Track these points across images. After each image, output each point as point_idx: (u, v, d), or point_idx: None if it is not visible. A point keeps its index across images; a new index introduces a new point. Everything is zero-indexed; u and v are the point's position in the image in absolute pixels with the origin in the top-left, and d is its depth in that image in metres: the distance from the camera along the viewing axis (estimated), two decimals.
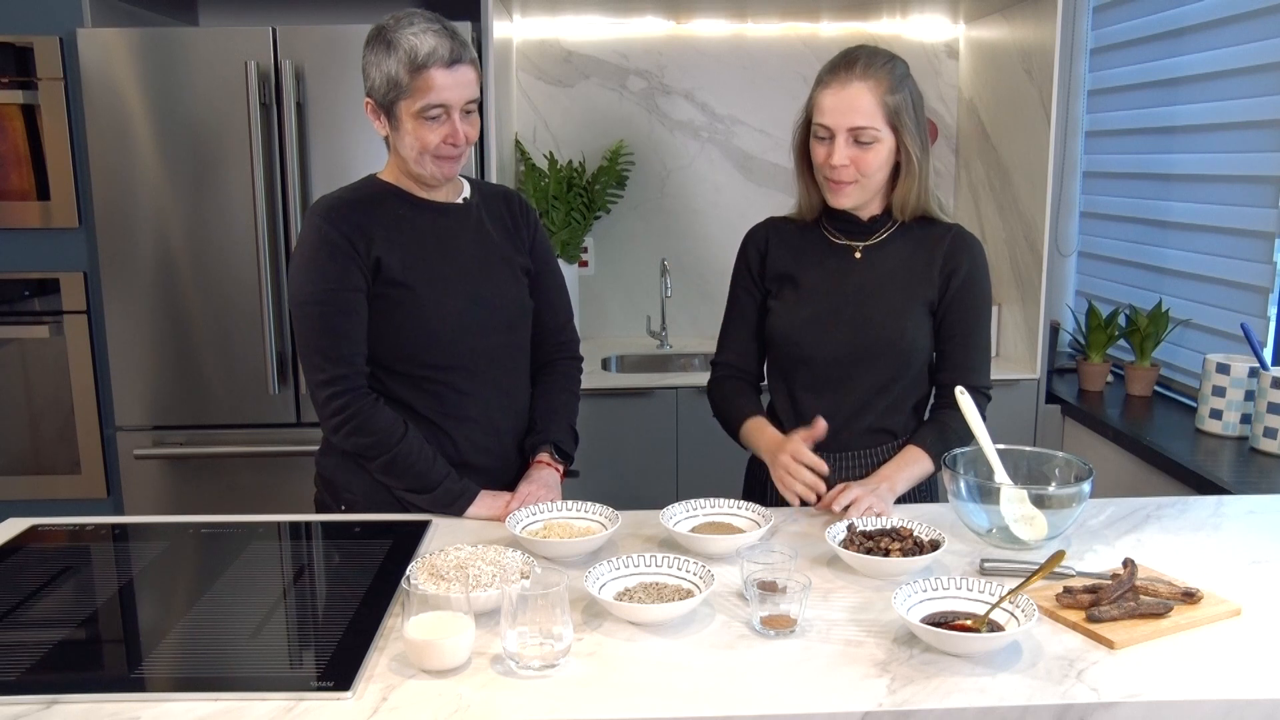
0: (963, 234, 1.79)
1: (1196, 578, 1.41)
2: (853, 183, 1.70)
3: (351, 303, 1.66)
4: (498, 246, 1.80)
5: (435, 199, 1.75)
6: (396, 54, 1.60)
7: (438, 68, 1.60)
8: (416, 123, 1.63)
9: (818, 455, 1.69)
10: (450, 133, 1.64)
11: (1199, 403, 2.51)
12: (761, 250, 1.86)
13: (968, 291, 1.76)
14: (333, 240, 1.65)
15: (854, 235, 1.79)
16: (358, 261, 1.66)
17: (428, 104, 1.61)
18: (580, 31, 3.43)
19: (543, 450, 1.81)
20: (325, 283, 1.65)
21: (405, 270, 1.68)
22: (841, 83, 1.66)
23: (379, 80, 1.63)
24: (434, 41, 1.60)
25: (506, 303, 1.79)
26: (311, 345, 1.67)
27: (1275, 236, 2.41)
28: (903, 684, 1.14)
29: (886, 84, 1.66)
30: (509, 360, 1.81)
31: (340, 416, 1.66)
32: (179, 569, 1.49)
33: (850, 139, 1.67)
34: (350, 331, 1.67)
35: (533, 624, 1.18)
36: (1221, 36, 2.60)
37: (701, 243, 3.54)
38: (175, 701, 1.11)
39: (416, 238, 1.71)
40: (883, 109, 1.66)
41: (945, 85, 3.53)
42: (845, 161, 1.67)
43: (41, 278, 2.77)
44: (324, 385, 1.66)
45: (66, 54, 2.66)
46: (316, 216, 1.68)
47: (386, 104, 1.64)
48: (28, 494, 2.85)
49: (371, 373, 1.71)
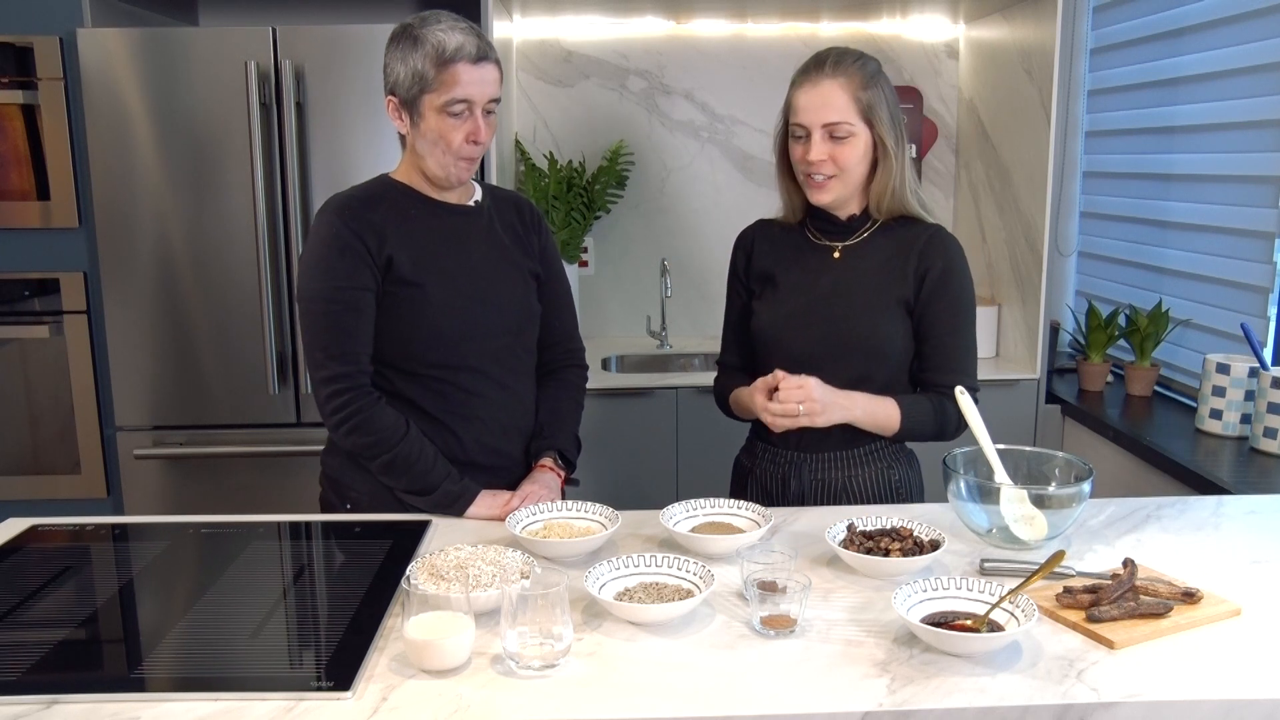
0: (940, 233, 1.79)
1: (1196, 578, 1.41)
2: (831, 177, 1.73)
3: (359, 301, 1.67)
4: (507, 250, 1.80)
5: (448, 200, 1.76)
6: (423, 48, 1.62)
7: (464, 63, 1.62)
8: (440, 118, 1.64)
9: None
10: (473, 130, 1.65)
11: (1199, 403, 2.51)
12: (748, 251, 1.90)
13: (943, 290, 1.76)
14: (344, 238, 1.66)
15: (834, 235, 1.81)
16: (368, 260, 1.66)
17: (453, 98, 1.62)
18: (580, 31, 3.43)
19: (546, 455, 1.82)
20: (334, 280, 1.66)
21: (415, 269, 1.69)
22: (813, 81, 1.71)
23: (404, 75, 1.64)
24: (461, 38, 1.62)
25: (514, 305, 1.80)
26: (317, 342, 1.68)
27: (1275, 236, 2.41)
28: (903, 684, 1.14)
29: (858, 80, 1.70)
30: (515, 362, 1.82)
31: (341, 414, 1.67)
32: (179, 569, 1.49)
33: (825, 135, 1.70)
34: (356, 330, 1.67)
35: (533, 624, 1.18)
36: (1221, 36, 2.60)
37: (701, 243, 3.54)
38: (175, 701, 1.11)
39: (428, 237, 1.72)
40: (856, 104, 1.69)
41: (945, 85, 3.53)
42: (822, 157, 1.71)
43: (41, 278, 2.77)
44: (326, 383, 1.67)
45: (66, 54, 2.66)
46: (329, 213, 1.69)
47: (410, 99, 1.65)
48: (28, 494, 2.85)
49: (379, 370, 1.72)
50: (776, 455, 1.85)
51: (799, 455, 1.83)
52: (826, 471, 1.82)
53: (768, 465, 1.86)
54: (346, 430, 1.68)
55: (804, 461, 1.82)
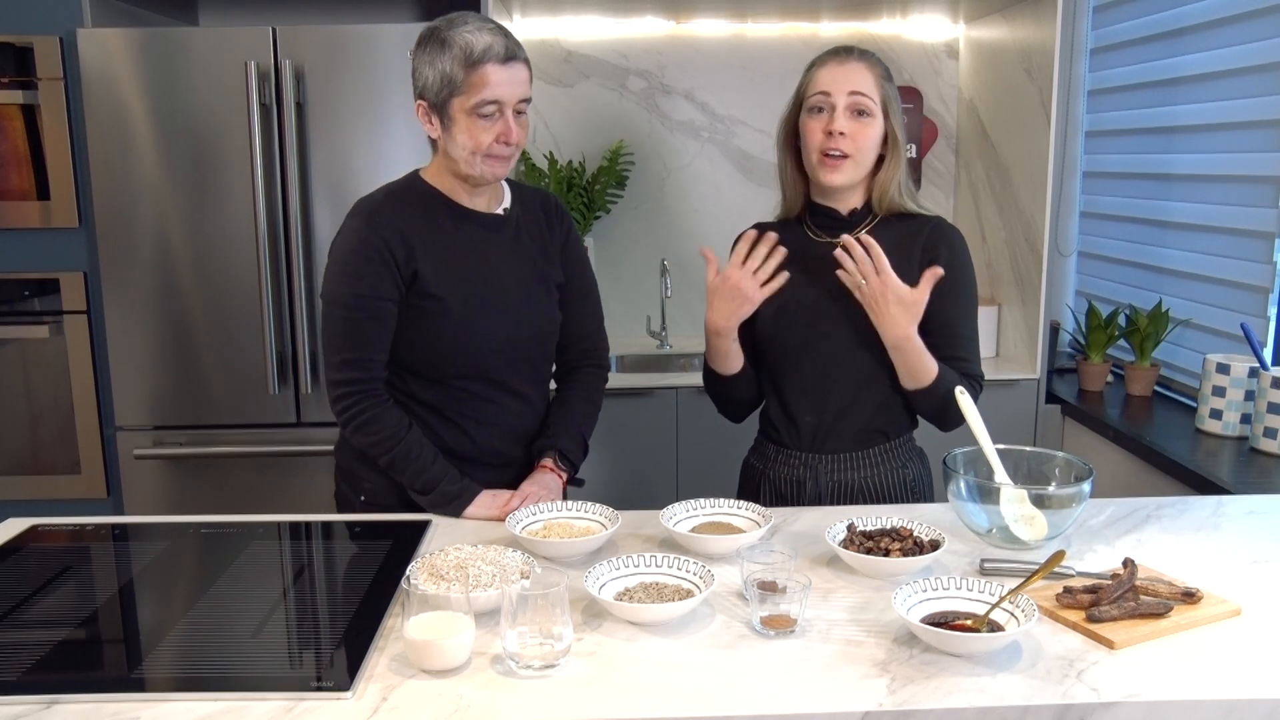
0: (942, 224, 1.80)
1: (1196, 578, 1.41)
2: (846, 157, 1.72)
3: (381, 311, 1.68)
4: (533, 261, 1.80)
5: (477, 208, 1.76)
6: (451, 50, 1.61)
7: (493, 63, 1.60)
8: (470, 120, 1.63)
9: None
10: (504, 130, 1.64)
11: (1199, 403, 2.51)
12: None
13: (946, 279, 1.75)
14: (373, 245, 1.66)
15: (834, 231, 1.80)
16: (394, 270, 1.67)
17: (483, 99, 1.61)
18: (580, 31, 3.43)
19: (548, 455, 1.81)
20: (359, 287, 1.66)
21: (440, 283, 1.69)
22: (840, 60, 1.74)
23: (432, 78, 1.63)
24: (489, 39, 1.61)
25: (538, 320, 1.80)
26: (335, 344, 1.70)
27: (1275, 236, 2.41)
28: (903, 684, 1.14)
29: (880, 70, 1.75)
30: (533, 372, 1.83)
31: (348, 414, 1.70)
32: (179, 569, 1.49)
33: (849, 110, 1.71)
34: (374, 339, 1.69)
35: (533, 624, 1.18)
36: (1221, 36, 2.60)
37: (701, 243, 3.50)
38: (175, 701, 1.11)
39: (454, 250, 1.72)
40: (879, 89, 1.73)
41: (945, 85, 3.53)
42: (844, 129, 1.70)
43: (41, 278, 2.77)
44: (338, 385, 1.70)
45: (66, 54, 2.66)
46: (359, 218, 1.69)
47: (439, 102, 1.64)
48: (28, 494, 2.85)
49: (397, 374, 1.74)
50: (790, 457, 1.84)
51: (814, 457, 1.82)
52: (843, 472, 1.81)
53: (781, 468, 1.85)
54: (353, 429, 1.71)
55: (819, 463, 1.81)
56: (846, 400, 1.78)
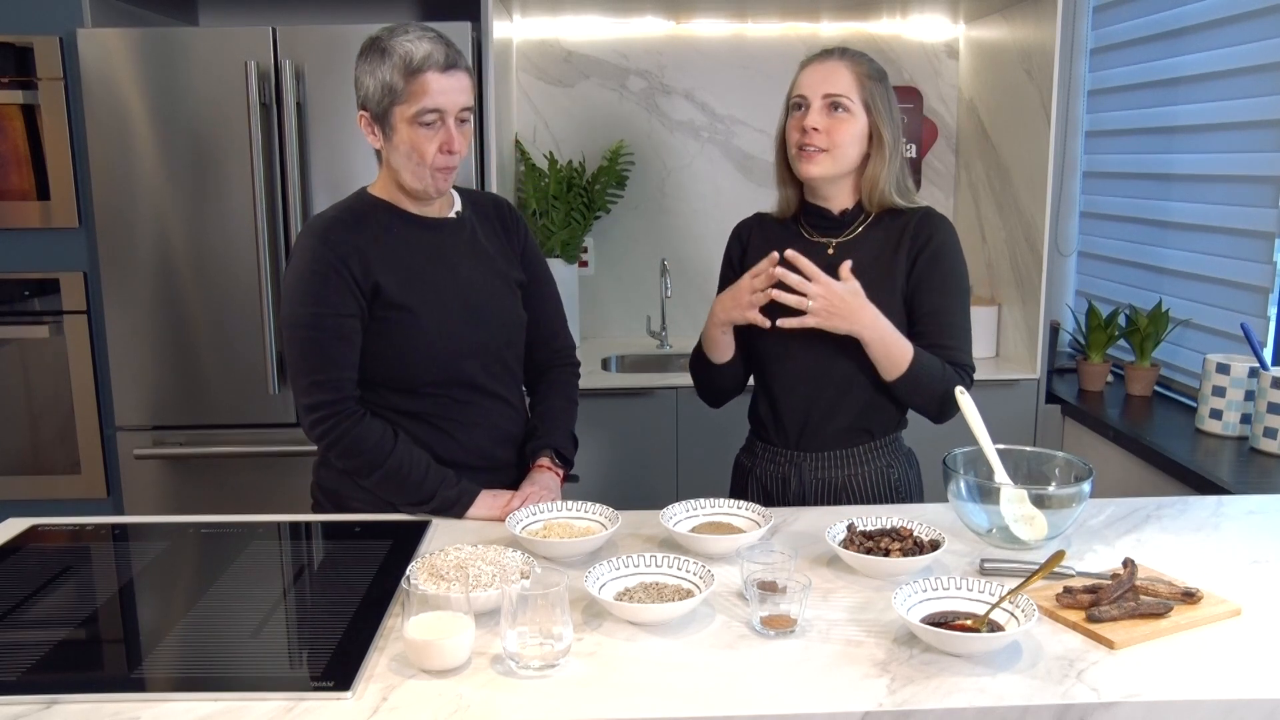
0: (930, 214, 1.80)
1: (1196, 578, 1.41)
2: (822, 151, 1.73)
3: (344, 328, 1.65)
4: (492, 261, 1.79)
5: (428, 214, 1.74)
6: (391, 59, 1.59)
7: (433, 71, 1.59)
8: (412, 130, 1.61)
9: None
10: (446, 140, 1.62)
11: (1199, 403, 2.51)
12: (744, 243, 1.91)
13: (935, 266, 1.75)
14: (327, 262, 1.63)
15: (827, 231, 1.81)
16: (352, 286, 1.64)
17: (423, 108, 1.59)
18: (580, 31, 3.43)
19: (543, 455, 1.81)
20: (318, 306, 1.63)
21: (403, 291, 1.67)
22: (821, 60, 1.77)
23: (373, 88, 1.61)
24: (429, 47, 1.59)
25: (504, 318, 1.79)
26: (301, 368, 1.66)
27: (1275, 236, 2.41)
28: (903, 684, 1.14)
29: (864, 68, 1.75)
30: (506, 373, 1.82)
31: (326, 440, 1.67)
32: (179, 569, 1.49)
33: (825, 106, 1.72)
34: (341, 358, 1.66)
35: (533, 624, 1.18)
36: (1221, 36, 2.60)
37: (702, 243, 3.54)
38: (175, 701, 1.11)
39: (413, 257, 1.70)
40: (859, 87, 1.73)
41: (945, 85, 3.53)
42: (817, 125, 1.72)
43: (41, 278, 2.77)
44: (310, 410, 1.66)
45: (66, 54, 2.66)
46: (311, 237, 1.66)
47: (380, 112, 1.62)
48: (28, 494, 2.85)
49: (373, 390, 1.71)
50: (776, 454, 1.85)
51: (799, 454, 1.83)
52: (826, 470, 1.82)
53: (767, 464, 1.86)
54: (336, 454, 1.68)
55: (804, 460, 1.82)
56: (832, 399, 1.79)
